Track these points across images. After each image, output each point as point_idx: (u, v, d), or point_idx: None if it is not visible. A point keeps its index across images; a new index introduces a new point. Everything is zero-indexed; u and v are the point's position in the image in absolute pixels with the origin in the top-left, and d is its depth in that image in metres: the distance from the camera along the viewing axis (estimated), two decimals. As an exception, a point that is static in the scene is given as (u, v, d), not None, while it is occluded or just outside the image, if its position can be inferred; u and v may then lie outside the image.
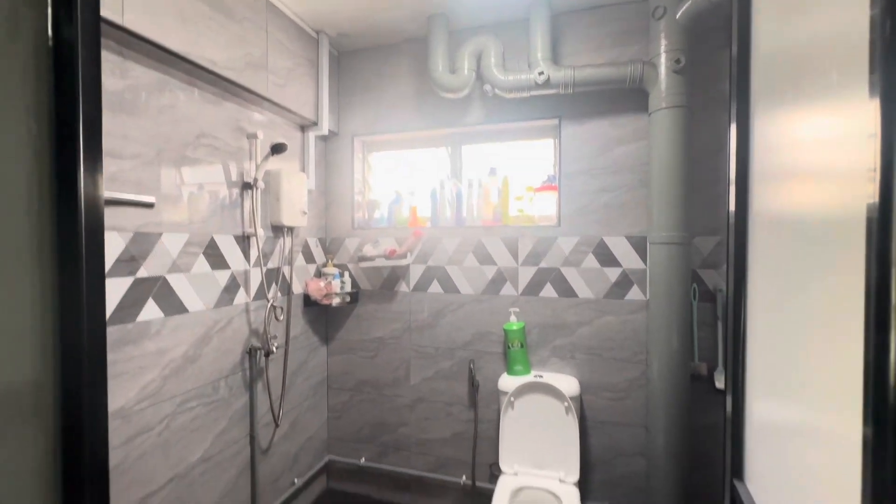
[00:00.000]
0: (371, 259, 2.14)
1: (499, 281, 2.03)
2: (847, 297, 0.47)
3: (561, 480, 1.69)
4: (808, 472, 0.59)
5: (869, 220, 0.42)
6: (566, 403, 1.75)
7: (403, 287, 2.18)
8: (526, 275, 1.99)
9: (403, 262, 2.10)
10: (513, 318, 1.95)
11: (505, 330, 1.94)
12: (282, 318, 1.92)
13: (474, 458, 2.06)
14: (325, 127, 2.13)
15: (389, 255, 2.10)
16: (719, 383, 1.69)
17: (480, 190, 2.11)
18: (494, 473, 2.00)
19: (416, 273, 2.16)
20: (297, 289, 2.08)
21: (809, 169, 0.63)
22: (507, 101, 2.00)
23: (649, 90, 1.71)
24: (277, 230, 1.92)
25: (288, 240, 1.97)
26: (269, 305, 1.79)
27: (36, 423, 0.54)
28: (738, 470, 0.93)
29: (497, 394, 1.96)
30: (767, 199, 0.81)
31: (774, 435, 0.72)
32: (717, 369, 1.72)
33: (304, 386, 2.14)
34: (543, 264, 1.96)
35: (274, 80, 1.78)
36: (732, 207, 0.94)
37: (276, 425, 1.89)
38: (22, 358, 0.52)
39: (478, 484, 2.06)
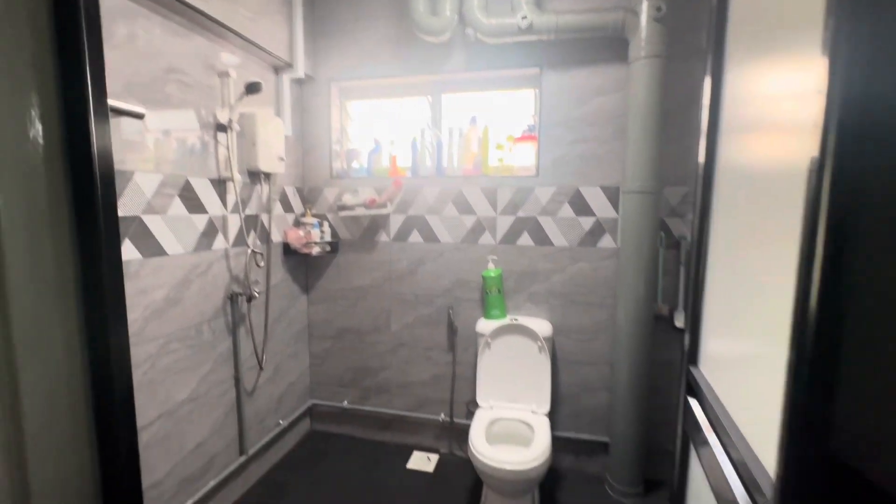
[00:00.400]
0: (351, 208, 2.14)
1: (478, 230, 2.08)
2: (787, 246, 0.50)
3: (533, 412, 1.83)
4: (750, 391, 0.66)
5: (809, 174, 0.43)
6: (539, 343, 1.87)
7: (384, 236, 2.20)
8: (504, 224, 2.04)
9: (384, 211, 2.12)
10: (491, 266, 2.02)
11: (483, 277, 2.01)
12: (262, 264, 1.92)
13: (452, 397, 2.19)
14: (300, 69, 2.04)
15: (369, 205, 2.11)
16: (679, 322, 1.84)
17: (461, 139, 2.12)
18: (471, 410, 2.14)
19: (396, 222, 2.18)
20: (277, 237, 2.07)
21: (769, 122, 0.65)
22: (489, 48, 1.97)
23: (630, 39, 1.72)
24: (254, 176, 1.88)
25: (265, 186, 1.94)
26: (249, 251, 1.79)
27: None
28: (691, 390, 1.02)
29: (475, 337, 2.06)
30: (732, 151, 0.85)
31: (724, 367, 0.80)
32: (678, 309, 1.86)
33: (286, 334, 2.18)
34: (521, 213, 2.02)
35: (244, 12, 1.68)
36: (702, 159, 0.98)
37: (261, 368, 1.94)
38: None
39: (456, 420, 2.20)
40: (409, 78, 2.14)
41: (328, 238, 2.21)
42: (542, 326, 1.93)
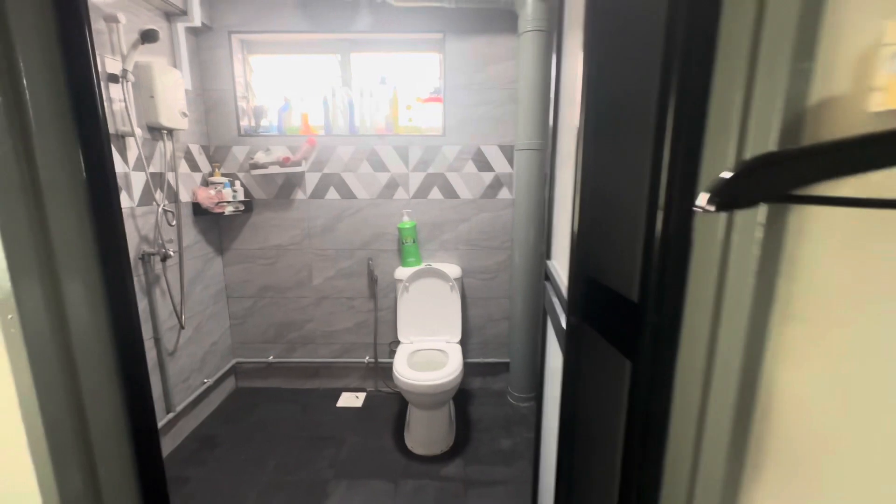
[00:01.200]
0: (264, 167, 2.15)
1: (392, 186, 2.25)
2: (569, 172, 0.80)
3: (447, 342, 2.14)
4: (562, 258, 0.99)
5: (578, 134, 0.70)
6: (451, 283, 2.15)
7: (300, 194, 2.26)
8: (416, 180, 2.24)
9: (298, 169, 2.17)
10: (406, 219, 2.22)
11: (399, 229, 2.21)
12: (174, 223, 1.88)
13: (376, 340, 2.42)
14: (195, 17, 1.94)
15: (284, 163, 2.14)
16: (561, 259, 2.25)
17: (372, 99, 2.22)
18: (393, 349, 2.39)
19: (312, 181, 2.25)
20: (185, 197, 2.01)
21: (570, 97, 0.93)
22: (395, 10, 2.07)
23: (518, 12, 1.96)
24: (156, 132, 1.80)
25: (169, 144, 1.87)
26: (159, 209, 1.75)
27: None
28: (547, 277, 1.38)
29: (394, 284, 2.28)
30: (565, 116, 1.15)
31: (560, 252, 1.13)
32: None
33: (204, 294, 2.18)
34: (431, 170, 2.23)
35: (130, -48, 1.57)
36: (551, 122, 1.30)
37: (182, 327, 1.94)
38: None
39: (380, 360, 2.44)
40: (317, 35, 2.16)
41: (241, 197, 2.20)
42: (453, 269, 2.21)
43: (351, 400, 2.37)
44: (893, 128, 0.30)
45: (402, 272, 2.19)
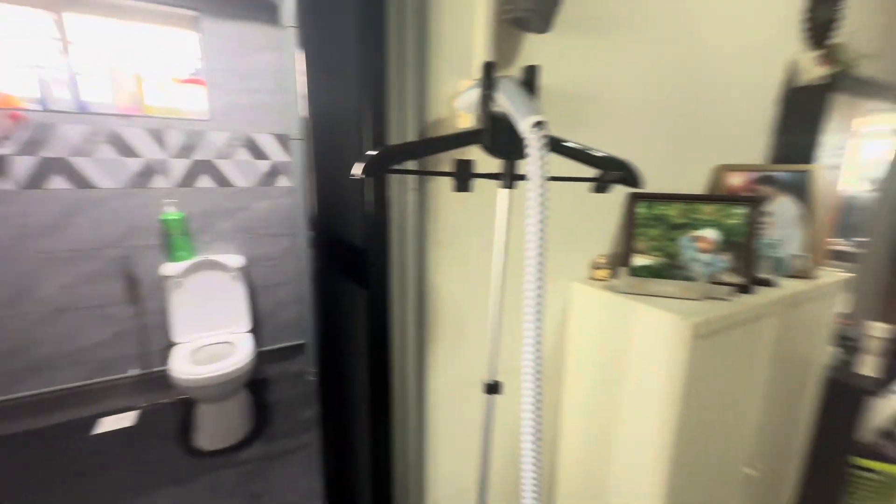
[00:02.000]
0: (-67, 146, 1.60)
1: (146, 174, 2.01)
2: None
3: (234, 333, 2.10)
4: None
5: (306, 125, 0.97)
6: (233, 273, 2.11)
7: (7, 184, 1.78)
8: (180, 167, 2.07)
9: (-2, 151, 1.70)
10: (171, 210, 2.04)
11: (163, 221, 2.01)
12: None
13: (144, 349, 2.14)
14: None
15: (-30, 142, 1.64)
16: (344, 240, 2.49)
17: (110, 73, 1.92)
18: (168, 354, 2.16)
19: (24, 166, 1.79)
20: None
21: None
22: (129, -26, 1.84)
23: (278, 3, 2.04)
24: None
25: None
26: None
27: None
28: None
29: (162, 282, 2.07)
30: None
31: None
32: (342, 231, 2.50)
33: None
34: (197, 156, 2.10)
35: None
36: (302, 113, 1.50)
37: None
38: None
39: (153, 370, 2.17)
40: (10, -18, 1.71)
41: None
42: (234, 259, 2.16)
43: (117, 422, 2.04)
44: (441, 135, 0.62)
45: (171, 268, 2.01)
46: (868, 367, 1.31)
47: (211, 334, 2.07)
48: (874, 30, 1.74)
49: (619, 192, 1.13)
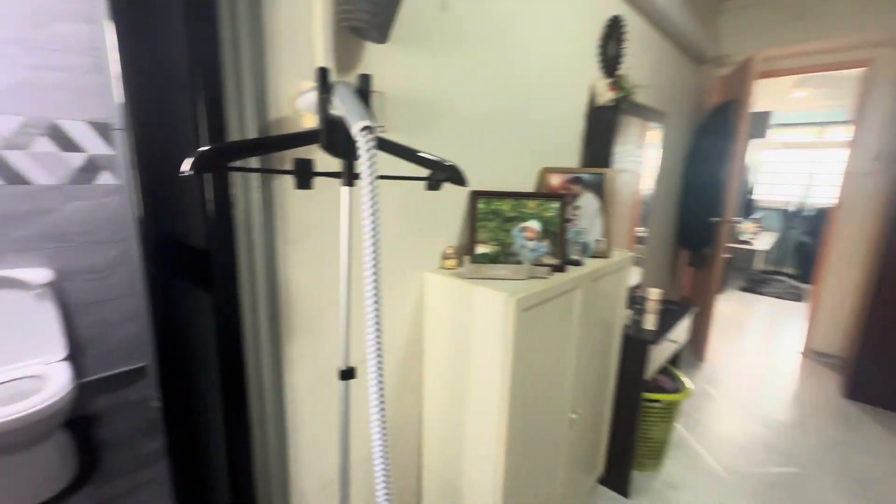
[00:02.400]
0: None
1: None
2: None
3: (44, 364, 1.71)
4: None
5: (126, 111, 0.90)
6: (36, 291, 1.72)
7: None
8: (-59, 159, 1.60)
9: None
10: (-71, 214, 1.56)
11: (-84, 229, 1.53)
12: None
13: None
14: None
15: None
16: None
17: None
18: (-61, 403, 1.66)
19: None
20: None
21: None
22: None
23: (89, -28, 1.73)
24: None
25: None
26: None
27: None
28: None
29: (-80, 309, 1.57)
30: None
31: None
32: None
33: None
34: (-29, 146, 1.65)
35: None
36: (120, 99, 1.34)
37: None
38: None
39: None
40: None
41: None
42: (38, 274, 1.76)
43: None
44: (280, 134, 0.64)
45: (-65, 290, 1.55)
46: (649, 322, 1.72)
47: (12, 368, 1.66)
48: (646, 66, 2.27)
49: (465, 191, 1.28)
